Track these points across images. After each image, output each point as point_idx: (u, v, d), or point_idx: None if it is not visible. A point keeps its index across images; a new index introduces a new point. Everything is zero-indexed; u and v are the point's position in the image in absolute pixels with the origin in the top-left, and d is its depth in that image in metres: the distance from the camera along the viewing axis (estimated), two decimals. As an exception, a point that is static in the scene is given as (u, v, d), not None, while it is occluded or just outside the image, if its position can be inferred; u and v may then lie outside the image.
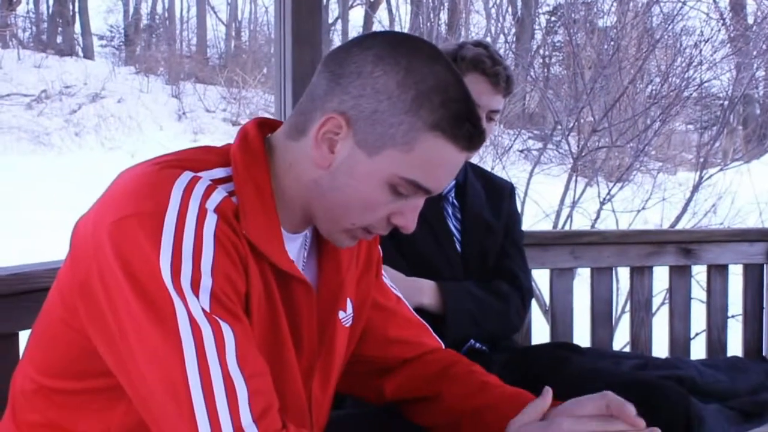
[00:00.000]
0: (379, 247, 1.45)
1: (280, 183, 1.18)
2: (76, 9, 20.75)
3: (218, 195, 1.08)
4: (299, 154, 1.16)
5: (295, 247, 1.25)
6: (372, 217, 1.16)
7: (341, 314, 1.31)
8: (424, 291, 1.96)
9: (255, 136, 1.19)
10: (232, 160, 1.15)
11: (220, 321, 1.03)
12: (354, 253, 1.34)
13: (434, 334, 1.51)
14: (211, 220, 1.06)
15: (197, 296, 1.02)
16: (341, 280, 1.29)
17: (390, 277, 1.58)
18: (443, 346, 1.50)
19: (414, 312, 1.50)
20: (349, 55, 1.13)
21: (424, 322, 1.50)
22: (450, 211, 2.12)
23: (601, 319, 2.88)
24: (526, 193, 5.49)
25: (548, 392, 1.25)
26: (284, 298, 1.18)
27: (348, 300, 1.33)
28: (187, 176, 1.08)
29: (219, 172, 1.13)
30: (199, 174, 1.09)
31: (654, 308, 3.18)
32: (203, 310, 1.02)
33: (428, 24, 10.92)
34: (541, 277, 3.31)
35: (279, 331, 1.18)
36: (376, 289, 1.42)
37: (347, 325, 1.34)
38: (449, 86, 1.12)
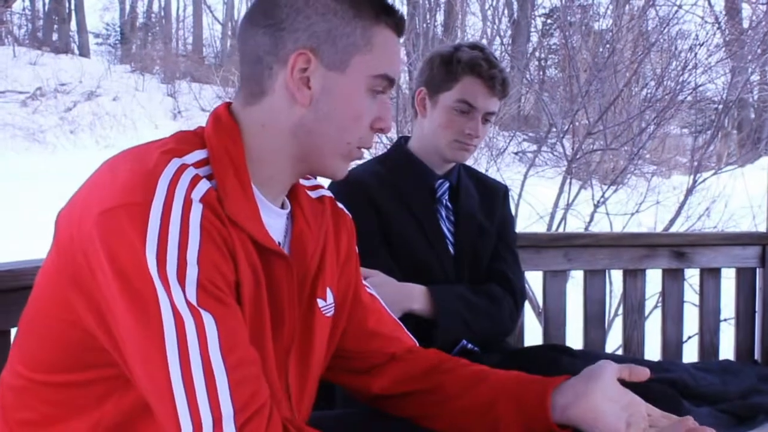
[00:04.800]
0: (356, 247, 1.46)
1: (256, 152, 1.19)
2: (72, 6, 20.72)
3: (204, 185, 1.08)
4: (267, 112, 1.19)
5: (281, 223, 1.26)
6: (361, 129, 1.22)
7: (321, 303, 1.31)
8: (415, 296, 1.94)
9: (227, 116, 1.21)
10: (207, 141, 1.16)
11: (204, 312, 1.03)
12: (332, 241, 1.36)
13: (408, 333, 1.52)
14: (196, 210, 1.06)
15: (183, 287, 1.02)
16: (309, 257, 1.29)
17: (380, 282, 1.57)
18: (417, 345, 1.51)
19: (389, 312, 1.51)
20: (274, 5, 1.18)
21: (398, 320, 1.52)
22: (443, 214, 2.11)
23: (594, 322, 2.88)
24: (520, 195, 5.49)
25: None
26: (268, 279, 1.18)
27: (328, 289, 1.33)
28: (173, 165, 1.07)
29: (199, 154, 1.14)
30: (184, 160, 1.10)
31: (647, 311, 3.18)
32: (187, 301, 1.02)
33: (424, 25, 10.91)
34: (534, 279, 3.31)
35: (261, 313, 1.18)
36: (357, 283, 1.43)
37: (329, 315, 1.34)
38: None
